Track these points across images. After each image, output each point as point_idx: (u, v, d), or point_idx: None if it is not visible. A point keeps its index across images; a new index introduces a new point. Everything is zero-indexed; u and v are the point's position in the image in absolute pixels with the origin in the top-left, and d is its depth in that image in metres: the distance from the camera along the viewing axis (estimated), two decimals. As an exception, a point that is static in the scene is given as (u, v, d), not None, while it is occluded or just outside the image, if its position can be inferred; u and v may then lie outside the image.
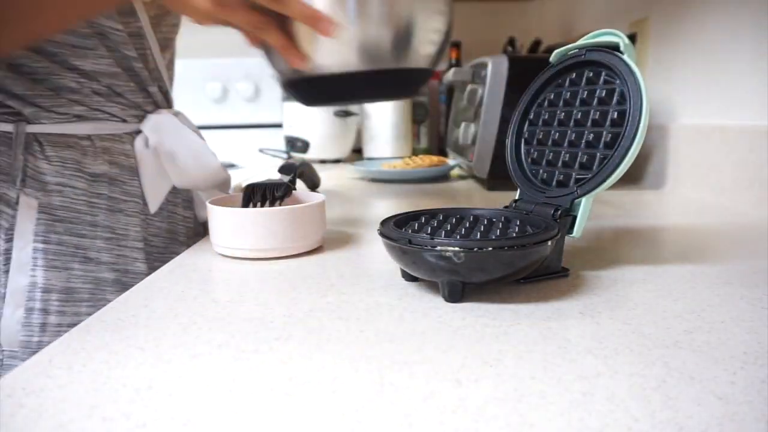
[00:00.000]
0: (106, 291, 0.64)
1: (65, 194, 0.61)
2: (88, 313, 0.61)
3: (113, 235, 0.64)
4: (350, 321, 0.37)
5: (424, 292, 0.43)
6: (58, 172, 0.60)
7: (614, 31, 0.46)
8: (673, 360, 0.30)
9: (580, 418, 0.25)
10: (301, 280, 0.46)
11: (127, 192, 0.66)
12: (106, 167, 0.64)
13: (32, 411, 0.26)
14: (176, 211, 0.73)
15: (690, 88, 0.97)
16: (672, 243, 0.61)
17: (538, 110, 0.53)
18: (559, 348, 0.32)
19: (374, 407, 0.26)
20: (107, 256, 0.64)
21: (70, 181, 0.61)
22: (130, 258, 0.66)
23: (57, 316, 0.60)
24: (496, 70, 0.97)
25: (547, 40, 1.55)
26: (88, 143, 0.63)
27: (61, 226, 0.61)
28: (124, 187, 0.66)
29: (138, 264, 0.67)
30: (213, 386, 0.28)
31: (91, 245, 0.63)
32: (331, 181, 1.16)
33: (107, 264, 0.64)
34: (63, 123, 0.61)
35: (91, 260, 0.63)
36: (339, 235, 0.63)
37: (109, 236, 0.64)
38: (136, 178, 0.67)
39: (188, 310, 0.40)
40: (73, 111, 0.62)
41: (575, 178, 0.48)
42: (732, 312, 0.38)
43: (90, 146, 0.63)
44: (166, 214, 0.71)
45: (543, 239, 0.40)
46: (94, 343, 0.34)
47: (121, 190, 0.65)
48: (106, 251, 0.64)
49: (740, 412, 0.25)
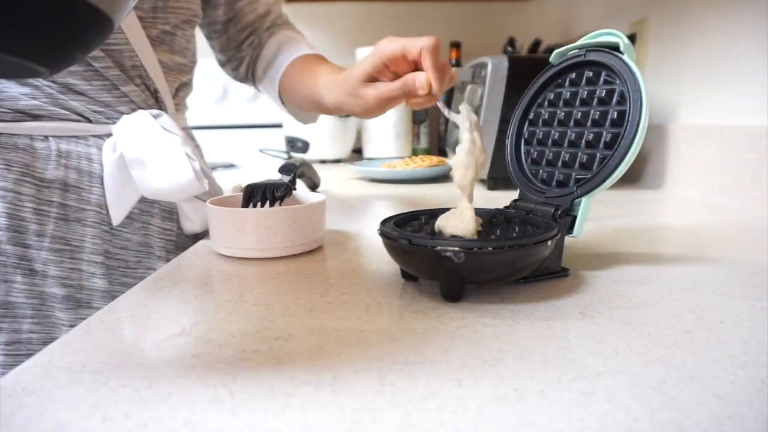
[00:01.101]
0: (54, 308, 0.58)
1: (8, 200, 0.56)
2: (31, 331, 0.57)
3: (66, 246, 0.59)
4: (350, 321, 0.37)
5: (424, 292, 0.43)
6: (1, 175, 0.56)
7: (614, 31, 0.46)
8: (673, 360, 0.30)
9: (580, 418, 0.25)
10: (301, 280, 0.46)
11: (86, 200, 0.60)
12: (61, 172, 0.59)
13: (32, 411, 0.26)
14: (151, 222, 0.66)
15: (690, 88, 0.97)
16: (672, 243, 0.61)
17: (538, 110, 0.53)
18: (559, 348, 0.32)
19: (374, 407, 0.26)
20: (56, 269, 0.58)
21: (15, 186, 0.56)
22: (86, 272, 0.60)
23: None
24: (496, 70, 0.97)
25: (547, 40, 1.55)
26: (43, 145, 0.58)
27: (2, 234, 0.56)
28: (82, 195, 0.60)
29: (95, 279, 0.61)
30: (213, 386, 0.28)
31: (36, 256, 0.57)
32: (331, 181, 1.16)
33: (55, 278, 0.58)
34: (14, 122, 0.57)
35: (37, 273, 0.57)
36: (339, 235, 0.63)
37: (59, 247, 0.59)
38: (99, 186, 0.61)
39: (188, 310, 0.40)
40: (22, 105, 0.56)
41: (575, 178, 0.48)
42: (732, 312, 0.38)
43: (45, 149, 0.58)
44: (138, 225, 0.65)
45: (543, 239, 0.40)
46: (94, 343, 0.34)
47: (77, 198, 0.60)
48: (54, 264, 0.58)
49: (740, 412, 0.25)
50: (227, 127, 1.83)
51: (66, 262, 0.59)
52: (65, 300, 0.59)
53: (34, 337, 0.58)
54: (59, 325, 0.59)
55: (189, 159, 0.59)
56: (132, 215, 0.64)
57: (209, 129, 1.79)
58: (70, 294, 0.59)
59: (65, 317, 0.59)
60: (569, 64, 0.50)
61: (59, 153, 0.59)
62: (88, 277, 0.60)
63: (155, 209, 0.66)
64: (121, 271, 0.63)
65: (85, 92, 0.60)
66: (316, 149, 1.55)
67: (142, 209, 0.65)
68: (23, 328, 0.57)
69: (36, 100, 0.57)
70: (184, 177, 0.58)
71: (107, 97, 0.61)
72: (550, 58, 0.52)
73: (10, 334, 0.56)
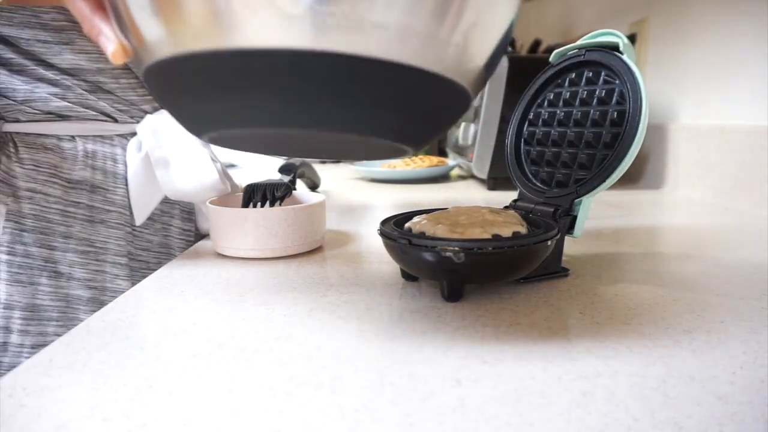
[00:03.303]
0: (79, 310, 0.58)
1: (36, 201, 0.56)
2: (56, 334, 0.56)
3: (90, 248, 0.59)
4: (350, 321, 0.37)
5: (424, 292, 0.43)
6: (30, 176, 0.56)
7: (614, 31, 0.46)
8: (673, 360, 0.30)
9: (580, 418, 0.25)
10: (301, 280, 0.46)
11: (111, 201, 0.60)
12: (87, 173, 0.59)
13: (32, 411, 0.26)
14: (172, 223, 0.66)
15: (690, 88, 0.97)
16: (672, 243, 0.61)
17: (538, 110, 0.53)
18: (559, 348, 0.32)
19: (374, 407, 0.26)
20: (81, 271, 0.58)
21: (43, 187, 0.56)
22: (110, 274, 0.60)
23: (19, 336, 0.55)
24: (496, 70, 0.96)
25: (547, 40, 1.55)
26: (70, 145, 0.58)
27: (29, 236, 0.56)
28: (107, 196, 0.60)
29: (119, 281, 0.60)
30: (213, 386, 0.28)
31: (62, 258, 0.57)
32: (331, 181, 1.17)
33: (81, 280, 0.58)
34: (43, 122, 0.57)
35: (62, 275, 0.57)
36: (339, 235, 0.63)
37: (85, 249, 0.59)
38: (122, 186, 0.61)
39: (188, 310, 0.40)
40: (53, 106, 0.57)
41: (575, 178, 0.48)
42: (732, 312, 0.38)
43: (72, 149, 0.58)
44: (159, 226, 0.65)
45: (543, 239, 0.40)
46: (94, 343, 0.34)
47: (103, 199, 0.60)
48: (80, 266, 0.58)
49: (740, 412, 0.25)
50: (227, 127, 1.82)
51: (91, 264, 0.59)
52: (90, 302, 0.59)
53: None
54: None
55: (213, 160, 0.60)
56: (153, 216, 0.63)
57: (209, 129, 1.79)
58: (95, 296, 0.59)
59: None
60: (569, 64, 0.50)
61: (86, 153, 0.59)
62: (112, 278, 0.60)
63: (175, 210, 0.66)
64: (143, 272, 0.63)
65: (113, 90, 0.59)
66: (316, 149, 1.55)
67: (163, 210, 0.65)
68: (49, 330, 0.57)
69: (65, 101, 0.57)
70: (210, 178, 0.59)
71: (132, 95, 0.61)
72: (550, 58, 0.52)
73: (37, 337, 0.56)
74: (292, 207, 0.53)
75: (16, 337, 0.55)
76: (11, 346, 0.55)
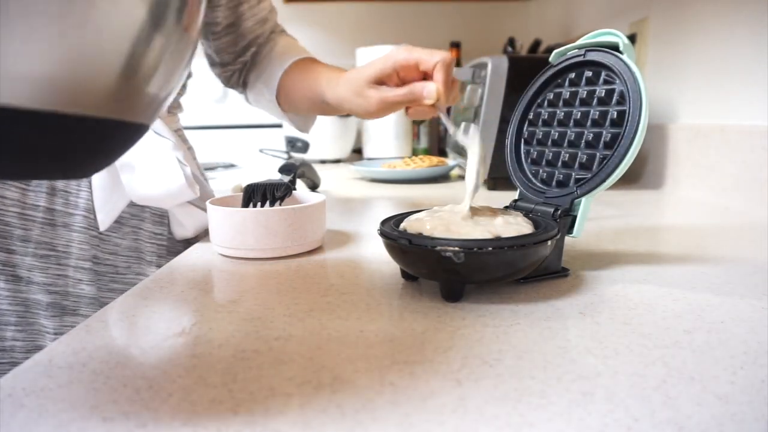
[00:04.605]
0: (39, 315, 0.57)
1: None
2: (14, 339, 0.56)
3: (51, 252, 0.58)
4: (350, 321, 0.37)
5: (424, 292, 0.43)
6: None
7: (614, 31, 0.46)
8: (673, 360, 0.30)
9: (580, 418, 0.25)
10: (301, 280, 0.46)
11: (74, 204, 0.59)
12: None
13: (32, 411, 0.26)
14: (142, 227, 0.64)
15: (690, 88, 0.97)
16: (672, 243, 0.61)
17: (538, 110, 0.53)
18: (559, 348, 0.32)
19: (374, 407, 0.26)
20: (41, 275, 0.57)
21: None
22: (73, 279, 0.59)
23: None
24: (496, 70, 0.97)
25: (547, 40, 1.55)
26: None
27: None
28: (69, 199, 0.59)
29: (82, 286, 0.59)
30: (213, 386, 0.28)
31: (21, 262, 0.56)
32: (331, 181, 1.16)
33: (40, 284, 0.57)
34: None
35: (21, 279, 0.56)
36: (339, 235, 0.63)
37: (45, 253, 0.57)
38: (86, 189, 0.59)
39: (188, 310, 0.40)
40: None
41: (575, 178, 0.48)
42: (732, 312, 0.38)
43: None
44: (128, 229, 0.63)
45: (543, 239, 0.40)
46: (94, 343, 0.34)
47: (65, 202, 0.58)
48: (39, 270, 0.57)
49: (740, 412, 0.25)
50: (227, 127, 1.83)
51: (52, 268, 0.58)
52: (50, 307, 0.57)
53: (18, 344, 0.57)
54: (44, 332, 0.58)
55: (180, 164, 0.58)
56: (121, 219, 0.62)
57: (209, 129, 1.80)
58: (56, 301, 0.58)
59: (50, 325, 0.58)
60: (569, 64, 0.50)
61: None
62: (74, 283, 0.59)
63: (146, 213, 0.65)
64: (110, 276, 0.62)
65: None
66: (316, 149, 1.55)
67: (132, 213, 0.63)
68: (6, 335, 0.56)
69: None
70: (175, 183, 0.58)
71: None
72: (550, 58, 0.52)
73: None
74: (292, 207, 0.53)
75: None
76: None
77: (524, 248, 0.39)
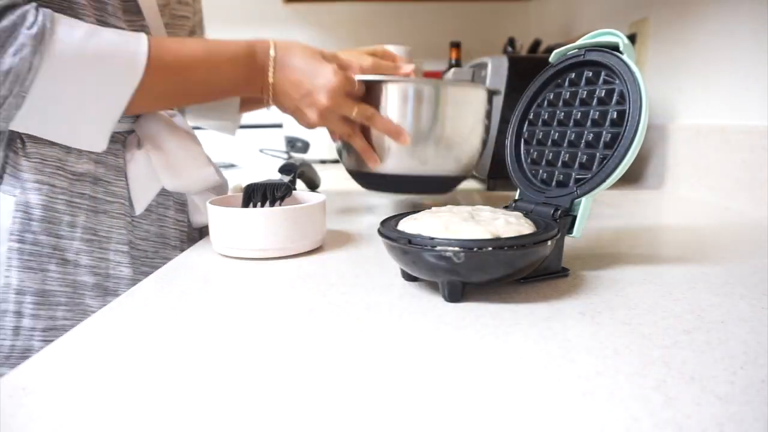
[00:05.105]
0: (85, 295, 0.61)
1: (43, 192, 0.58)
2: (65, 318, 0.60)
3: (95, 237, 0.62)
4: (350, 321, 0.37)
5: (424, 292, 0.43)
6: (37, 169, 0.58)
7: (614, 31, 0.46)
8: (673, 360, 0.30)
9: (580, 418, 0.25)
10: (301, 280, 0.46)
11: (112, 193, 0.64)
12: (90, 166, 0.61)
13: (32, 411, 0.26)
14: (167, 214, 0.70)
15: (690, 88, 0.97)
16: (672, 243, 0.61)
17: (538, 110, 0.53)
18: (559, 348, 0.32)
19: (374, 407, 0.26)
20: (87, 258, 0.61)
21: (50, 179, 0.59)
22: (113, 262, 0.63)
23: (31, 320, 0.58)
24: (496, 70, 0.97)
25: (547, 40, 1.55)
26: None
27: (37, 225, 0.58)
28: (108, 188, 0.63)
29: (122, 268, 0.64)
30: (213, 386, 0.28)
31: (69, 246, 0.60)
32: (331, 181, 1.16)
33: (86, 267, 0.61)
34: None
35: (69, 262, 0.60)
36: (339, 235, 0.63)
37: (90, 238, 0.61)
38: (122, 179, 0.65)
39: (188, 310, 0.40)
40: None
41: (575, 178, 0.48)
42: (732, 312, 0.38)
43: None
44: (155, 216, 0.68)
45: (543, 239, 0.40)
46: (94, 343, 0.34)
47: (105, 191, 0.63)
48: (85, 254, 0.61)
49: (740, 412, 0.25)
50: (227, 127, 1.82)
51: (96, 252, 0.62)
52: (95, 288, 0.62)
53: (68, 324, 0.61)
54: (89, 312, 0.62)
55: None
56: (150, 207, 0.67)
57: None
58: (99, 282, 0.62)
59: (95, 304, 0.62)
60: (569, 64, 0.50)
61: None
62: (114, 265, 0.64)
63: (170, 201, 0.70)
64: (142, 260, 0.67)
65: None
66: (316, 149, 1.55)
67: (159, 202, 0.68)
68: (58, 315, 0.60)
69: None
70: (206, 171, 0.68)
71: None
72: (550, 58, 0.52)
73: (47, 321, 0.59)
74: (292, 207, 0.53)
75: (27, 321, 0.58)
76: (23, 330, 0.58)
77: (524, 248, 0.39)
